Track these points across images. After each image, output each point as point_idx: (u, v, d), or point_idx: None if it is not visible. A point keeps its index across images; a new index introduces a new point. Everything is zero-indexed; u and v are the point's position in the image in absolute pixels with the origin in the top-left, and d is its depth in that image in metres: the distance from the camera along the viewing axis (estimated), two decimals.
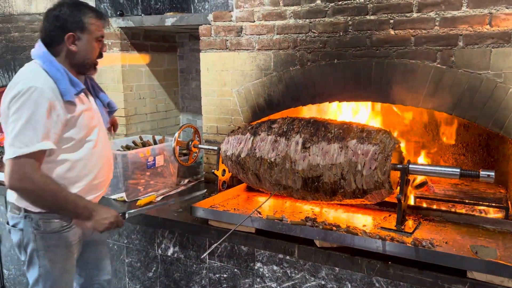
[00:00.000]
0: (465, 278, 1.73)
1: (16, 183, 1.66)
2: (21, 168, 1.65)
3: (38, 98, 1.67)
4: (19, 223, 1.85)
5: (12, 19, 3.84)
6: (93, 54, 1.86)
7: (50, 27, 1.78)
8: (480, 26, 2.12)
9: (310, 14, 2.49)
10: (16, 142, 1.64)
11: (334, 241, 1.97)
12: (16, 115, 1.66)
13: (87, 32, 1.81)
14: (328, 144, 2.17)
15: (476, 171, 1.94)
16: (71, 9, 1.78)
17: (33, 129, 1.65)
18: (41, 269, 1.88)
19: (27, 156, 1.65)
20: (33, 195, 1.69)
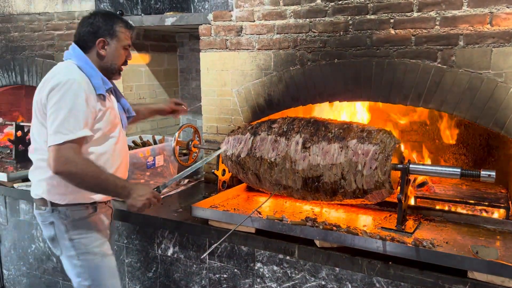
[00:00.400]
0: (466, 278, 1.72)
1: (62, 167, 1.77)
2: (65, 153, 1.77)
3: (77, 89, 1.83)
4: (47, 218, 1.97)
5: (11, 19, 3.83)
6: (120, 60, 2.04)
7: (84, 32, 1.97)
8: (480, 25, 2.11)
9: (310, 13, 2.49)
10: (61, 129, 1.78)
11: (334, 241, 1.96)
12: (58, 105, 1.80)
13: (116, 39, 1.99)
14: (329, 144, 2.16)
15: (477, 171, 1.93)
16: (104, 18, 1.98)
17: (75, 117, 1.80)
18: (80, 258, 1.97)
19: (72, 142, 1.79)
20: (78, 177, 1.80)
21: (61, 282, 2.93)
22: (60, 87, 1.81)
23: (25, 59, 3.80)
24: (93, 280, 1.99)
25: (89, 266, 1.98)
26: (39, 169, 1.96)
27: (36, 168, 1.98)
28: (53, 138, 1.78)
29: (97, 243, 2.00)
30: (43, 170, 1.93)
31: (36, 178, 1.99)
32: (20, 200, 3.01)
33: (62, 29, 3.58)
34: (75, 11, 3.48)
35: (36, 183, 1.99)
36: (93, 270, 1.99)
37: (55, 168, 1.78)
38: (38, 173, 1.97)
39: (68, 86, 1.81)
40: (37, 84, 3.70)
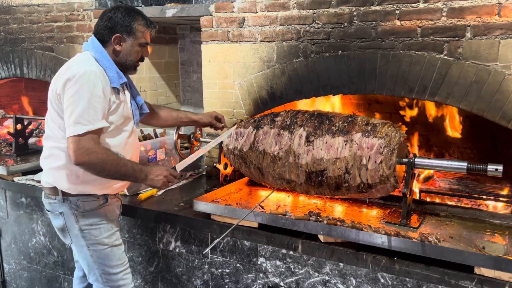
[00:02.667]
0: (472, 274, 1.70)
1: (83, 157, 1.80)
2: (86, 143, 1.81)
3: (95, 80, 1.84)
4: (56, 207, 2.00)
5: (10, 11, 3.79)
6: (135, 57, 2.04)
7: (102, 26, 1.98)
8: (488, 16, 2.07)
9: (314, 4, 2.44)
10: (81, 120, 1.80)
11: (338, 236, 1.94)
12: (76, 96, 1.81)
13: (133, 36, 1.99)
14: (333, 137, 2.13)
15: (484, 165, 1.90)
16: (124, 13, 1.98)
17: (93, 108, 1.82)
18: (91, 248, 2.01)
19: (91, 132, 1.82)
20: (99, 166, 1.84)
21: (62, 276, 2.91)
22: (77, 78, 1.82)
23: (24, 51, 3.76)
24: (103, 269, 2.04)
25: (99, 256, 2.02)
26: (51, 157, 1.97)
27: (49, 156, 1.99)
28: (73, 129, 1.80)
29: (107, 234, 2.03)
30: (55, 158, 1.95)
31: (48, 166, 1.99)
32: (21, 194, 2.98)
33: (61, 21, 3.53)
34: (75, 2, 3.44)
35: (47, 171, 2.00)
36: (103, 259, 2.03)
37: (77, 159, 1.81)
38: (50, 161, 1.98)
39: (86, 77, 1.83)
40: (37, 77, 3.74)
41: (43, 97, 4.70)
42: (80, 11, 3.42)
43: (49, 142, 1.98)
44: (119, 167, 1.89)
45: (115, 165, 1.88)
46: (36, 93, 4.74)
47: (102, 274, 2.05)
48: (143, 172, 1.95)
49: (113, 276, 2.05)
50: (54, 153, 1.96)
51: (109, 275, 2.05)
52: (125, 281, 2.09)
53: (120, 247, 2.10)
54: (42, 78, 3.72)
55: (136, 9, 2.05)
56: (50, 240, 2.91)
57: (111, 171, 1.88)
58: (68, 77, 1.83)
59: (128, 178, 1.98)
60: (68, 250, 2.84)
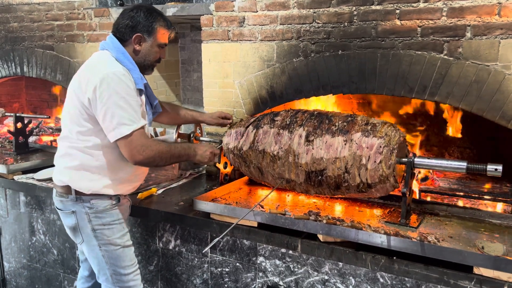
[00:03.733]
0: (471, 274, 1.69)
1: (140, 155, 1.85)
2: (139, 141, 1.84)
3: (125, 80, 1.86)
4: (68, 206, 2.00)
5: (11, 9, 3.79)
6: (153, 57, 2.05)
7: (123, 24, 1.97)
8: (488, 16, 2.06)
9: (314, 4, 2.44)
10: (124, 120, 1.82)
11: (338, 235, 1.94)
12: (112, 99, 1.81)
13: (153, 37, 2.00)
14: (332, 137, 2.13)
15: (484, 165, 1.90)
16: (146, 13, 1.98)
17: (132, 107, 1.85)
18: (102, 249, 2.01)
19: (138, 130, 1.85)
20: (157, 158, 1.90)
21: (61, 275, 2.92)
22: (109, 81, 1.81)
23: (25, 50, 3.76)
24: (114, 269, 2.04)
25: (110, 256, 2.02)
26: (66, 156, 1.97)
27: (64, 154, 1.99)
28: (119, 131, 1.82)
29: (119, 234, 2.04)
30: (70, 158, 1.96)
31: (63, 165, 1.99)
32: (21, 193, 2.99)
33: (62, 20, 3.53)
34: (75, 1, 3.44)
35: (61, 170, 2.00)
36: (114, 260, 2.03)
37: (135, 159, 1.86)
38: (65, 160, 1.98)
39: (117, 79, 1.83)
40: (37, 75, 3.74)
41: (44, 96, 4.72)
42: (80, 10, 3.42)
43: (65, 142, 1.98)
44: (172, 152, 1.95)
45: (168, 151, 1.93)
46: (36, 92, 4.75)
47: (113, 274, 2.04)
48: (192, 148, 2.04)
49: (123, 277, 2.05)
50: (70, 153, 1.96)
51: (120, 276, 2.05)
52: (135, 282, 2.09)
53: (131, 248, 2.10)
54: (42, 77, 3.72)
55: (158, 10, 2.05)
56: (50, 238, 2.92)
57: (168, 158, 1.94)
58: (98, 81, 1.82)
59: (182, 158, 2.04)
60: (68, 248, 2.84)
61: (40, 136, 3.91)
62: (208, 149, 2.08)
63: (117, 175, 2.00)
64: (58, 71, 3.61)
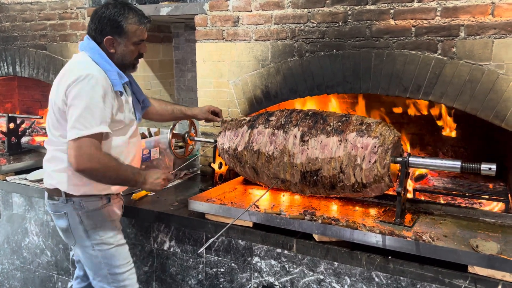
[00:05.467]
0: (466, 273, 1.70)
1: (84, 164, 1.77)
2: (87, 150, 1.76)
3: (95, 85, 1.79)
4: (60, 208, 1.98)
5: (3, 8, 3.75)
6: (131, 56, 1.97)
7: (93, 27, 1.91)
8: (482, 16, 2.08)
9: (308, 3, 2.44)
10: (77, 124, 1.76)
11: (333, 235, 1.94)
12: (75, 100, 1.78)
13: (125, 36, 1.91)
14: (327, 137, 2.13)
15: (477, 164, 1.91)
16: (113, 12, 1.87)
17: (91, 113, 1.77)
18: (96, 248, 1.98)
19: (90, 137, 1.77)
20: (100, 173, 1.81)
21: (55, 276, 2.89)
22: (78, 82, 1.78)
23: (17, 49, 3.73)
24: (109, 269, 2.02)
25: (104, 256, 2.00)
26: (54, 159, 1.96)
27: (52, 158, 1.97)
28: (69, 133, 1.78)
29: (111, 234, 2.01)
30: (58, 161, 1.93)
31: (51, 168, 1.98)
32: (13, 194, 2.96)
33: (54, 19, 3.50)
34: (68, 0, 3.41)
35: (50, 173, 1.98)
36: (109, 259, 2.01)
37: (78, 166, 1.77)
38: (53, 164, 1.97)
39: (86, 82, 1.78)
40: (30, 75, 3.71)
41: (36, 96, 4.68)
42: (73, 9, 3.40)
43: (51, 146, 1.97)
44: (120, 173, 1.87)
45: (116, 170, 1.85)
46: (29, 92, 4.71)
47: (108, 274, 2.02)
48: (142, 175, 1.93)
49: (119, 276, 2.03)
50: (57, 156, 1.94)
51: (115, 275, 2.02)
52: (131, 281, 2.07)
53: (125, 246, 2.08)
54: (35, 77, 3.69)
55: (127, 5, 1.93)
56: (43, 240, 2.89)
57: (112, 177, 1.86)
58: (70, 81, 1.79)
59: (127, 183, 1.97)
60: (61, 250, 2.82)
61: (33, 136, 3.88)
62: (160, 176, 1.96)
63: None
64: (51, 71, 3.58)
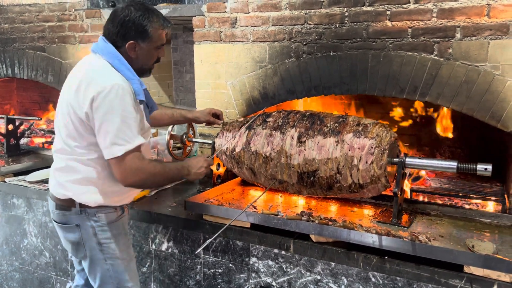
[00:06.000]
0: (462, 273, 1.71)
1: (132, 178, 1.75)
2: (131, 164, 1.73)
3: (124, 95, 1.71)
4: (73, 219, 1.87)
5: (1, 10, 3.76)
6: (151, 61, 1.90)
7: (115, 31, 1.79)
8: (478, 17, 2.09)
9: (305, 5, 2.45)
10: (118, 140, 1.70)
11: (330, 235, 1.95)
12: (109, 115, 1.69)
13: (149, 40, 1.82)
14: (324, 138, 2.14)
15: (473, 164, 1.92)
16: (138, 16, 1.78)
17: (128, 125, 1.71)
18: (108, 262, 1.90)
19: (132, 151, 1.72)
20: (149, 181, 1.82)
21: (54, 277, 2.90)
22: (105, 95, 1.68)
23: (16, 51, 3.74)
24: (119, 283, 1.94)
25: (115, 270, 1.92)
26: (69, 170, 1.84)
27: (66, 168, 1.85)
28: (110, 151, 1.71)
29: (124, 247, 1.94)
30: (74, 171, 1.83)
31: (64, 178, 1.85)
32: (12, 195, 2.97)
33: (53, 21, 3.51)
34: (66, 2, 3.42)
35: (63, 183, 1.86)
36: (119, 274, 1.93)
37: (126, 181, 1.76)
38: (67, 174, 1.84)
39: (114, 93, 1.69)
40: (28, 77, 3.71)
41: (35, 97, 4.69)
42: (72, 11, 3.41)
43: (63, 155, 1.85)
44: (166, 174, 1.87)
45: (162, 174, 1.85)
46: (28, 93, 4.72)
47: None
48: (185, 168, 1.93)
49: None
50: (72, 166, 1.83)
51: None
52: None
53: (134, 260, 2.04)
54: (33, 78, 3.70)
55: (150, 8, 1.84)
56: (42, 241, 2.90)
57: (160, 180, 1.91)
58: (94, 94, 1.68)
59: (174, 180, 2.01)
60: (60, 251, 2.83)
61: (31, 138, 3.89)
62: (203, 164, 1.97)
63: (119, 185, 1.86)
64: (49, 73, 3.59)
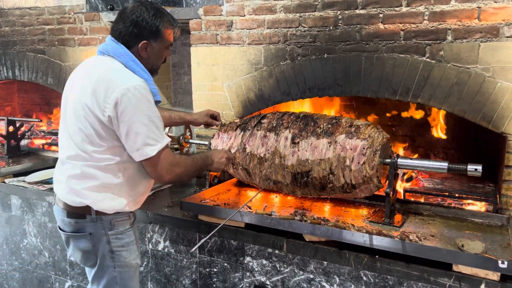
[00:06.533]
0: (450, 271, 1.74)
1: (169, 174, 1.79)
2: (166, 161, 1.77)
3: (147, 95, 1.72)
4: (86, 228, 1.82)
5: (2, 13, 3.81)
6: (160, 61, 1.91)
7: (127, 31, 1.77)
8: (468, 20, 2.12)
9: (300, 8, 2.49)
10: (149, 141, 1.71)
11: (322, 235, 1.98)
12: (136, 117, 1.68)
13: (160, 40, 1.82)
14: (317, 139, 2.17)
15: (464, 165, 1.95)
16: (150, 15, 1.78)
17: (156, 125, 1.74)
18: (116, 270, 1.87)
19: (163, 149, 1.75)
20: (185, 174, 1.88)
21: (53, 277, 2.94)
22: (130, 96, 1.66)
23: (16, 53, 3.79)
24: None
25: (123, 278, 1.90)
26: (85, 177, 1.78)
27: (82, 175, 1.79)
28: (143, 152, 1.71)
29: (134, 256, 1.93)
30: (91, 178, 1.78)
31: (81, 186, 1.79)
32: (12, 195, 3.01)
33: (53, 24, 3.56)
34: (66, 6, 3.47)
35: (78, 191, 1.79)
36: (126, 280, 1.92)
37: (163, 179, 1.81)
38: (84, 181, 1.79)
39: (139, 93, 1.68)
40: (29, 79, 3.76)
41: (36, 99, 4.73)
42: (71, 14, 3.45)
43: (78, 162, 1.78)
44: (195, 165, 1.95)
45: (192, 165, 1.92)
46: (28, 95, 4.77)
47: None
48: (209, 158, 2.04)
49: None
50: (89, 172, 1.77)
51: None
52: None
53: (139, 268, 2.03)
54: (34, 80, 3.75)
55: (160, 7, 1.83)
56: (41, 241, 2.94)
57: (192, 172, 1.94)
58: (118, 96, 1.66)
59: (202, 170, 2.07)
60: (59, 251, 2.87)
61: (32, 139, 3.93)
62: (224, 155, 2.09)
63: (135, 189, 1.87)
64: (49, 75, 3.64)
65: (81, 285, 2.81)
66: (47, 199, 2.80)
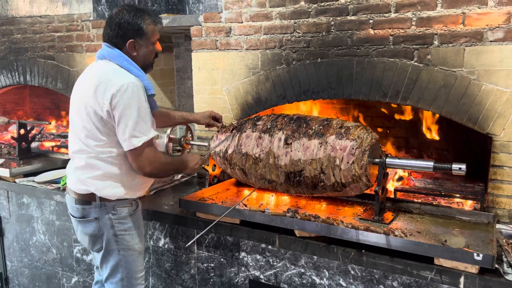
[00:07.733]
0: (432, 265, 1.82)
1: (148, 167, 1.95)
2: (148, 154, 1.94)
3: (139, 92, 1.91)
4: (92, 213, 2.04)
5: (14, 22, 3.99)
6: (151, 56, 2.08)
7: (113, 33, 1.97)
8: (454, 25, 2.21)
9: (294, 15, 2.60)
10: (135, 133, 1.89)
11: (312, 230, 2.07)
12: (127, 110, 1.87)
13: (145, 37, 2.00)
14: (309, 140, 2.27)
15: (449, 164, 2.03)
16: (131, 16, 1.96)
17: (143, 120, 1.91)
18: (121, 253, 2.06)
19: (148, 143, 1.93)
20: (163, 170, 2.07)
21: (60, 273, 3.07)
22: (123, 92, 1.86)
23: (28, 60, 3.95)
24: (127, 273, 2.09)
25: (126, 261, 2.07)
26: (90, 167, 1.99)
27: (86, 166, 2.00)
28: (129, 143, 1.90)
29: (137, 240, 2.10)
30: (95, 168, 1.98)
31: (86, 175, 2.00)
32: (22, 195, 3.15)
33: (62, 31, 3.72)
34: (74, 14, 3.62)
35: (84, 180, 2.00)
36: (129, 264, 2.08)
37: (143, 170, 1.96)
38: (88, 171, 2.00)
39: (131, 90, 1.87)
40: (39, 84, 3.92)
41: (46, 103, 4.90)
42: (79, 22, 3.61)
43: (83, 155, 2.00)
44: (174, 165, 2.12)
45: (171, 164, 2.10)
46: (40, 100, 4.94)
47: (125, 277, 2.09)
48: (185, 163, 2.18)
49: (134, 281, 2.11)
50: (92, 163, 1.98)
51: (131, 279, 2.10)
52: (142, 286, 2.17)
53: (143, 254, 2.19)
54: (44, 85, 3.91)
55: (139, 7, 2.03)
56: (49, 238, 3.07)
57: (170, 170, 2.12)
58: (113, 92, 1.85)
59: (177, 172, 2.25)
60: (65, 247, 3.00)
61: (42, 141, 4.09)
62: (198, 162, 2.21)
63: (135, 179, 2.06)
64: (58, 80, 3.80)
65: (86, 281, 2.93)
66: (55, 198, 2.94)
